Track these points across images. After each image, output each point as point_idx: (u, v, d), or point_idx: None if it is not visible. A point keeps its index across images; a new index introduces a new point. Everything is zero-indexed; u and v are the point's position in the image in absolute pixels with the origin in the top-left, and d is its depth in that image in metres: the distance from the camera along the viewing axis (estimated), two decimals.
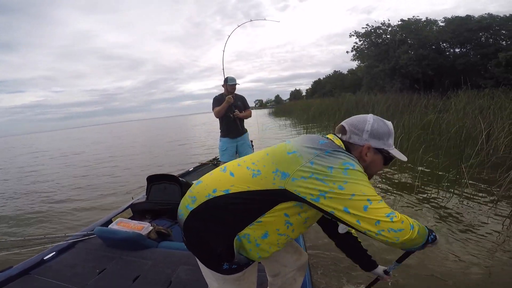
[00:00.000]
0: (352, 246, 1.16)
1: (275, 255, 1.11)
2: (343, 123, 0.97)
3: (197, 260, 0.95)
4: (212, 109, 3.24)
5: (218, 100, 3.22)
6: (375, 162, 0.95)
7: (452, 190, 3.46)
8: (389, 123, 0.96)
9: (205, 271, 0.96)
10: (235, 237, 0.83)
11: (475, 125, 4.54)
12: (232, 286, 0.95)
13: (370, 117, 0.94)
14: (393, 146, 0.96)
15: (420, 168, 4.17)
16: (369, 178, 0.95)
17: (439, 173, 4.04)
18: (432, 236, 0.88)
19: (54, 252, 1.86)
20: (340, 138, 0.95)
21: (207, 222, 0.86)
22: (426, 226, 0.88)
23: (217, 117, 3.24)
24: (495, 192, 3.19)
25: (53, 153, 15.01)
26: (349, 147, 0.92)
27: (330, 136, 0.95)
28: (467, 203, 3.13)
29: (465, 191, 3.36)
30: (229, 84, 3.15)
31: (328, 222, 1.11)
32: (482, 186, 3.53)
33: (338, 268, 2.10)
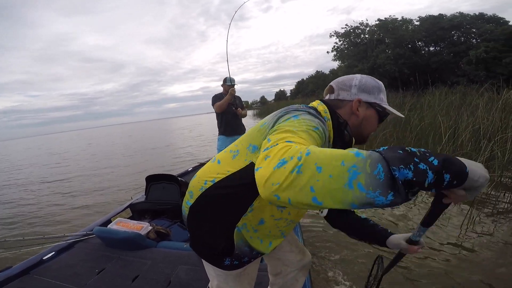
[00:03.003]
0: (358, 229, 1.00)
1: (278, 254, 1.12)
2: (331, 83, 0.93)
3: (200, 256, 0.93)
4: (213, 105, 3.28)
5: (218, 98, 3.29)
6: (369, 119, 0.89)
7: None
8: (379, 81, 0.91)
9: (207, 267, 0.95)
10: (234, 229, 0.80)
11: (443, 122, 4.65)
12: (232, 282, 0.93)
13: (358, 75, 0.90)
14: (386, 102, 0.90)
15: None
16: (366, 138, 0.93)
17: None
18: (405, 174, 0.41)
19: (54, 252, 1.85)
20: (327, 100, 0.91)
21: (205, 216, 0.84)
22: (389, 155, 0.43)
23: (219, 112, 3.27)
24: None
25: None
26: (338, 105, 0.88)
27: (314, 102, 0.90)
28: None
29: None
30: (228, 84, 3.27)
31: (332, 213, 1.04)
32: None
33: (338, 268, 2.10)
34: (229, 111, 3.27)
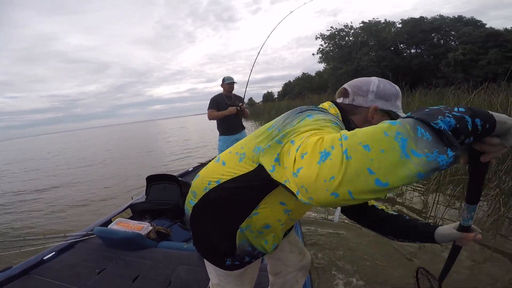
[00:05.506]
0: (394, 226, 0.88)
1: (279, 254, 1.14)
2: (345, 85, 0.89)
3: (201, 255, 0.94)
4: (207, 109, 3.23)
5: (215, 101, 3.22)
6: None
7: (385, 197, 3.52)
8: (396, 86, 0.86)
9: (208, 265, 0.97)
10: (236, 230, 0.80)
11: None
12: (233, 282, 0.95)
13: (374, 78, 0.86)
14: (401, 110, 0.86)
15: None
16: None
17: None
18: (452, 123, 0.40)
19: (54, 252, 1.85)
20: (340, 103, 0.86)
21: (208, 216, 0.84)
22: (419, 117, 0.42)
23: (209, 119, 3.24)
24: (422, 198, 3.28)
25: None
26: (352, 110, 0.84)
27: (325, 104, 0.86)
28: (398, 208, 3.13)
29: (404, 196, 3.42)
30: (226, 83, 3.22)
31: (357, 211, 0.95)
32: (417, 191, 3.60)
33: (338, 269, 2.08)
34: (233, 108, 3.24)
